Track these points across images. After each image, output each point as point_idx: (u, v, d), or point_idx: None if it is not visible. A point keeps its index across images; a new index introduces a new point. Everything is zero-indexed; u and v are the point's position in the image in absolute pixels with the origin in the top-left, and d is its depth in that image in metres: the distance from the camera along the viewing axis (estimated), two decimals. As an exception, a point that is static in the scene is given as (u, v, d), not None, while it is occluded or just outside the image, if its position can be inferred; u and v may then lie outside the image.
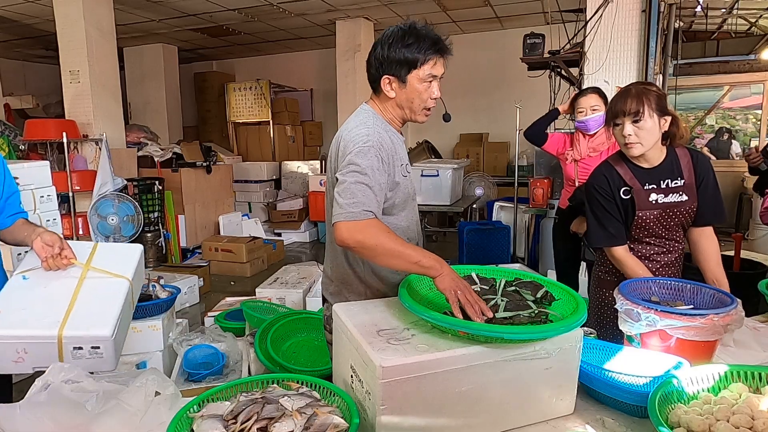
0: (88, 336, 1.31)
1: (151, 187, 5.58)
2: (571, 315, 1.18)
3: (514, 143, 5.24)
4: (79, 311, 1.37)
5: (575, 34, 4.26)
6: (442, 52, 1.46)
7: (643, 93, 1.65)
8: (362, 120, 1.48)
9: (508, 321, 1.18)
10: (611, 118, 1.72)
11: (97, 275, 1.53)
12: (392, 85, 1.48)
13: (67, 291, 1.44)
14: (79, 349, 1.30)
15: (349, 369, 1.19)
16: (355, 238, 1.30)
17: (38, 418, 1.07)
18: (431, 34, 1.44)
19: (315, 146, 9.00)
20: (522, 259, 5.42)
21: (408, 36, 1.42)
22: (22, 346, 1.28)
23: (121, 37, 6.29)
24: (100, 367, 1.34)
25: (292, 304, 3.85)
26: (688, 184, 1.73)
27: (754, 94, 6.85)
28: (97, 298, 1.43)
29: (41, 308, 1.36)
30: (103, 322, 1.35)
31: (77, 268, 1.54)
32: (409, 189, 1.58)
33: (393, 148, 1.48)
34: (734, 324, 1.32)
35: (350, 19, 6.94)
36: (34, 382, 1.16)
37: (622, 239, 1.77)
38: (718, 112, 7.04)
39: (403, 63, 1.43)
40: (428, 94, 1.48)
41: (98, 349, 1.31)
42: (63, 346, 1.29)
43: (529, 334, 1.10)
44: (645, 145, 1.67)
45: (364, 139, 1.40)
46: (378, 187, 1.37)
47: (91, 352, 1.31)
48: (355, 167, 1.36)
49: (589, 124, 2.90)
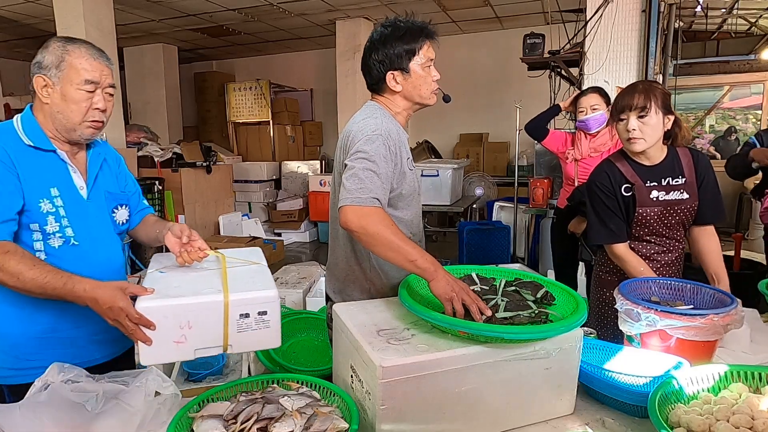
0: (255, 298, 1.20)
1: (151, 187, 5.58)
2: (571, 315, 1.18)
3: (514, 143, 5.24)
4: (235, 283, 1.26)
5: (575, 34, 4.26)
6: (430, 36, 1.55)
7: (650, 89, 1.68)
8: (370, 113, 1.52)
9: (508, 321, 1.18)
10: (617, 113, 1.73)
11: (236, 264, 1.43)
12: (397, 79, 1.53)
13: (213, 273, 1.35)
14: (245, 317, 1.19)
15: (349, 369, 1.19)
16: (359, 223, 1.31)
17: (38, 418, 1.07)
18: (416, 22, 1.54)
19: (315, 146, 9.01)
20: (522, 259, 5.42)
21: (397, 30, 1.51)
22: (186, 318, 1.15)
23: (121, 37, 6.29)
24: (267, 343, 1.23)
25: (292, 304, 3.84)
26: (689, 183, 1.74)
27: (754, 94, 6.85)
28: (246, 275, 1.34)
29: (195, 285, 1.25)
30: (264, 286, 1.26)
31: (213, 260, 1.46)
32: (415, 183, 1.60)
33: (399, 139, 1.52)
34: (734, 324, 1.32)
35: (350, 19, 6.95)
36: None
37: (623, 236, 1.77)
38: (718, 112, 7.04)
39: (402, 55, 1.50)
40: (431, 77, 1.55)
41: (265, 315, 1.20)
42: (229, 313, 1.17)
43: (529, 334, 1.10)
44: (648, 141, 1.68)
45: (372, 128, 1.44)
46: (385, 175, 1.40)
47: (257, 320, 1.20)
48: (363, 154, 1.39)
49: (589, 123, 2.90)
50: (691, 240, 1.84)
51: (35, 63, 1.35)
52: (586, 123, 2.91)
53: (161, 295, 1.19)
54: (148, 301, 1.15)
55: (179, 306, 1.16)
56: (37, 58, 1.35)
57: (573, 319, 1.14)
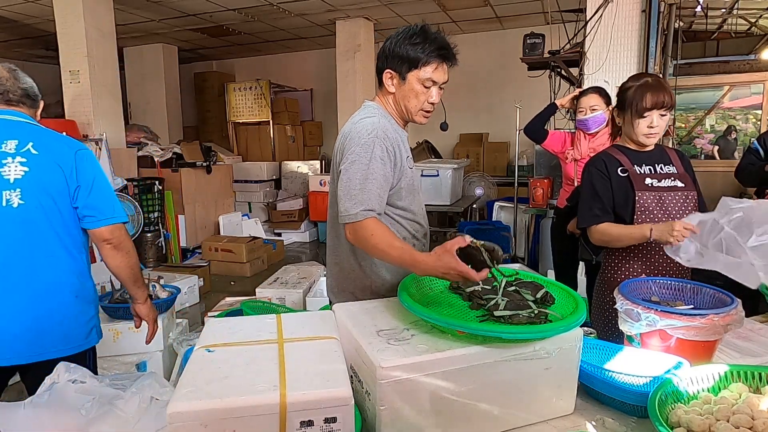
0: (322, 399, 0.92)
1: (151, 187, 5.58)
2: (570, 315, 1.18)
3: (514, 143, 5.24)
4: (296, 374, 0.98)
5: (575, 34, 4.26)
6: (445, 59, 1.46)
7: (667, 86, 1.74)
8: (366, 113, 1.51)
9: (506, 320, 1.18)
10: (640, 111, 1.74)
11: (297, 335, 1.18)
12: (393, 81, 1.51)
13: (270, 355, 1.07)
14: (308, 426, 0.92)
15: (349, 369, 1.19)
16: (355, 238, 1.39)
17: (38, 418, 1.07)
18: (439, 38, 1.45)
19: (315, 146, 9.01)
20: (522, 259, 5.42)
21: (416, 35, 1.44)
22: (230, 425, 0.89)
23: (121, 37, 6.30)
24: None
25: (292, 304, 3.85)
26: (681, 173, 1.81)
27: (754, 94, 6.85)
28: (311, 359, 1.06)
29: (245, 377, 0.98)
30: (335, 379, 0.97)
31: (272, 322, 1.25)
32: (415, 181, 1.61)
33: (397, 138, 1.51)
34: (734, 324, 1.32)
35: (350, 19, 6.94)
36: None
37: (606, 219, 1.79)
38: (718, 112, 7.04)
39: (404, 60, 1.45)
40: (425, 97, 1.49)
41: (334, 422, 0.92)
42: (287, 419, 0.91)
43: (528, 334, 1.10)
44: (660, 135, 1.78)
45: (368, 129, 1.43)
46: (383, 176, 1.41)
47: (325, 428, 0.92)
48: (356, 157, 1.40)
49: (588, 124, 2.92)
50: None
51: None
52: (586, 123, 2.92)
53: (200, 392, 0.93)
54: (183, 402, 0.90)
55: (216, 411, 0.89)
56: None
57: (572, 318, 1.14)
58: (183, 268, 5.10)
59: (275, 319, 1.28)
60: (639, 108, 1.74)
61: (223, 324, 1.25)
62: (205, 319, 1.47)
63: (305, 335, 1.18)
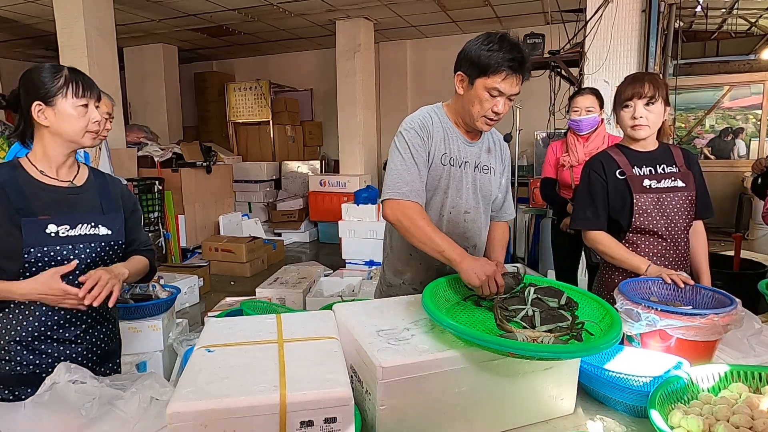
0: (322, 399, 0.93)
1: (151, 187, 5.58)
2: (610, 328, 1.13)
3: (514, 143, 5.23)
4: (296, 375, 0.99)
5: (575, 34, 4.26)
6: (516, 71, 1.42)
7: (656, 80, 1.74)
8: (422, 109, 1.61)
9: (550, 335, 1.12)
10: (622, 101, 1.76)
11: (297, 335, 1.19)
12: (462, 84, 1.52)
13: (270, 355, 1.08)
14: (308, 426, 0.92)
15: (349, 369, 1.19)
16: (396, 216, 1.47)
17: (38, 418, 1.07)
18: (515, 49, 1.41)
19: (315, 146, 9.00)
20: (522, 259, 5.42)
21: (493, 43, 1.42)
22: (230, 425, 0.89)
23: (121, 37, 6.29)
24: None
25: (292, 304, 3.85)
26: (684, 173, 1.80)
27: (754, 94, 6.86)
28: (312, 359, 1.06)
29: (245, 377, 0.98)
30: (335, 379, 0.97)
31: (272, 323, 1.26)
32: (442, 181, 1.59)
33: (441, 132, 1.57)
34: (734, 324, 1.32)
35: (350, 19, 6.94)
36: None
37: (598, 224, 1.80)
38: (718, 112, 7.04)
39: (476, 65, 1.44)
40: (490, 105, 1.46)
41: (333, 422, 0.93)
42: (287, 419, 0.91)
43: (583, 351, 1.08)
44: (652, 128, 1.75)
45: (409, 120, 1.55)
46: (422, 163, 1.52)
47: (325, 428, 0.93)
48: (396, 146, 1.54)
49: (582, 125, 2.91)
50: None
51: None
52: (579, 124, 2.91)
53: (201, 392, 0.93)
54: (183, 402, 0.90)
55: (216, 411, 0.89)
56: None
57: (615, 329, 1.11)
58: (183, 268, 5.10)
59: (275, 319, 1.28)
60: (619, 99, 1.78)
61: (223, 324, 1.24)
62: (205, 319, 1.45)
63: (305, 335, 1.18)
